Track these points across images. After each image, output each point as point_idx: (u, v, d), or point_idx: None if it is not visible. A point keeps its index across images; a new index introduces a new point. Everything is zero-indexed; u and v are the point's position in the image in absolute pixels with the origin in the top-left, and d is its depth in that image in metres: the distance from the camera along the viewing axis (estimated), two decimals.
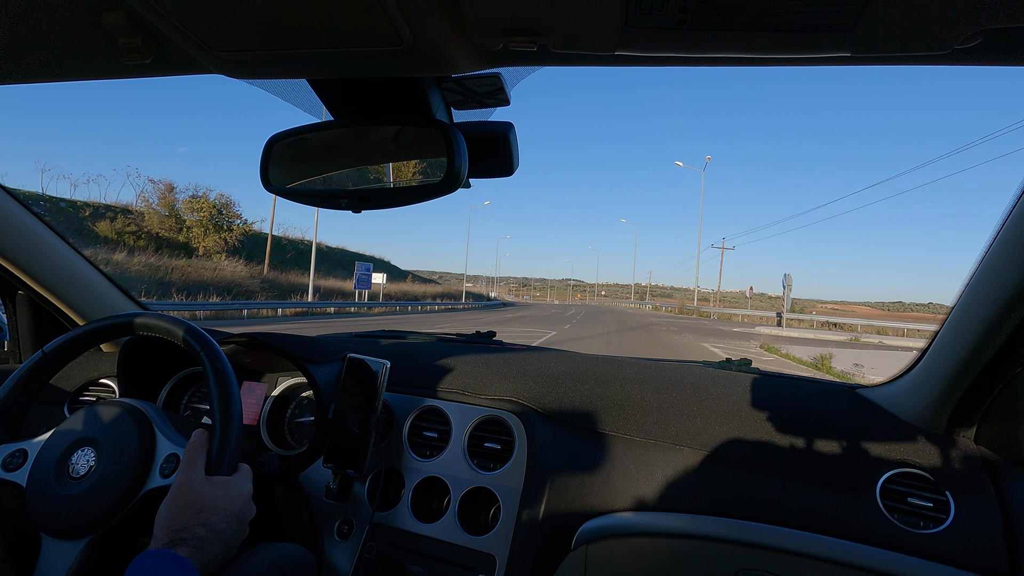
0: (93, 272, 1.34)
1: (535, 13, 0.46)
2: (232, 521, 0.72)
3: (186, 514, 0.69)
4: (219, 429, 0.78)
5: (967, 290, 0.81)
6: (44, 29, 0.59)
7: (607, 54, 0.51)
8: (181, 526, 0.67)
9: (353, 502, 1.08)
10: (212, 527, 0.69)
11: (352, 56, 0.55)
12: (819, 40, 0.45)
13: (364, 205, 0.73)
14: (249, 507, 0.77)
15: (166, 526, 0.67)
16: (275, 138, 0.76)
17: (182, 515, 0.68)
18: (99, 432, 0.81)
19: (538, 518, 0.99)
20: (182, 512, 0.69)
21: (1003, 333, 0.76)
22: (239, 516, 0.74)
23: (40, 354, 0.87)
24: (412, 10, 0.46)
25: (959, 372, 0.84)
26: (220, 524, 0.70)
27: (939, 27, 0.42)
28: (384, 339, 1.60)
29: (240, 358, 1.24)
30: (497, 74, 0.64)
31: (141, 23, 0.56)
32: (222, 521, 0.71)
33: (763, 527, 0.93)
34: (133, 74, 0.67)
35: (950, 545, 0.84)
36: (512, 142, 0.72)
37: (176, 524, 0.67)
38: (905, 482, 0.91)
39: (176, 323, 0.87)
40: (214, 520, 0.70)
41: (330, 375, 1.11)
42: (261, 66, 0.59)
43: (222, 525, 0.71)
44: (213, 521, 0.70)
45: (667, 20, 0.45)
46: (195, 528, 0.68)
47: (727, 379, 1.17)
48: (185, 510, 0.69)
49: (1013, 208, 0.70)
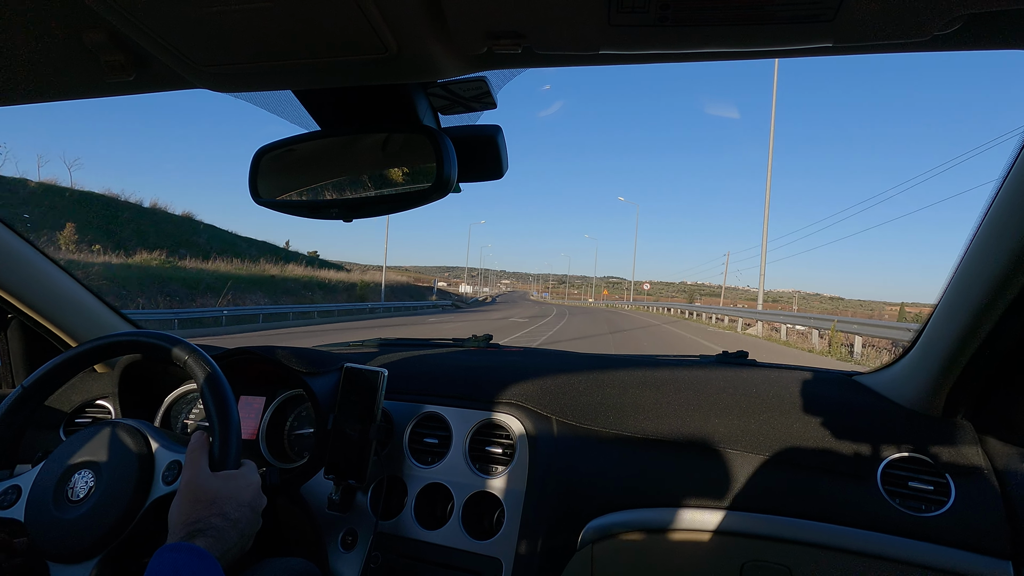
0: (82, 291, 1.33)
1: (518, 16, 0.47)
2: (245, 510, 0.72)
3: (199, 507, 0.68)
4: (218, 428, 0.78)
5: (958, 272, 0.82)
6: (24, 50, 0.59)
7: (591, 53, 0.52)
8: (196, 518, 0.67)
9: (356, 512, 1.07)
10: (227, 516, 0.69)
11: (337, 65, 0.55)
12: (801, 31, 0.46)
13: (355, 214, 0.73)
14: (260, 496, 0.77)
15: (180, 521, 0.67)
16: (263, 150, 0.76)
17: (195, 509, 0.68)
18: (96, 453, 0.81)
19: (542, 519, 0.99)
20: (195, 506, 0.68)
21: (995, 314, 0.77)
22: (251, 505, 0.73)
23: (20, 389, 0.85)
24: (395, 18, 0.46)
25: (953, 355, 0.85)
26: (235, 513, 0.70)
27: (918, 14, 0.43)
28: (382, 347, 1.60)
29: (235, 372, 1.23)
30: (483, 78, 0.64)
31: (123, 41, 0.56)
32: (236, 510, 0.70)
33: (767, 518, 0.93)
34: (117, 91, 0.67)
35: (952, 527, 0.85)
36: (500, 145, 0.73)
37: (191, 517, 0.67)
38: (905, 466, 0.91)
39: (168, 340, 0.87)
40: (228, 509, 0.69)
41: (328, 386, 1.10)
42: (246, 79, 0.59)
43: (237, 514, 0.70)
44: (227, 510, 0.69)
45: (649, 18, 0.45)
46: (210, 519, 0.67)
47: (724, 372, 1.18)
48: (197, 504, 0.68)
49: (999, 189, 0.71)
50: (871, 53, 0.51)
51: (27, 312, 1.24)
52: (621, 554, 0.98)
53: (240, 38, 0.50)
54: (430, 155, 0.68)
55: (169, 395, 1.26)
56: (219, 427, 0.78)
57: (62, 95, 0.69)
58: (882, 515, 0.89)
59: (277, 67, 0.55)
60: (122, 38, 0.55)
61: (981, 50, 0.51)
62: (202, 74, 0.57)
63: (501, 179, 0.75)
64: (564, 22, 0.47)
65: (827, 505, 0.92)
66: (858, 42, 0.47)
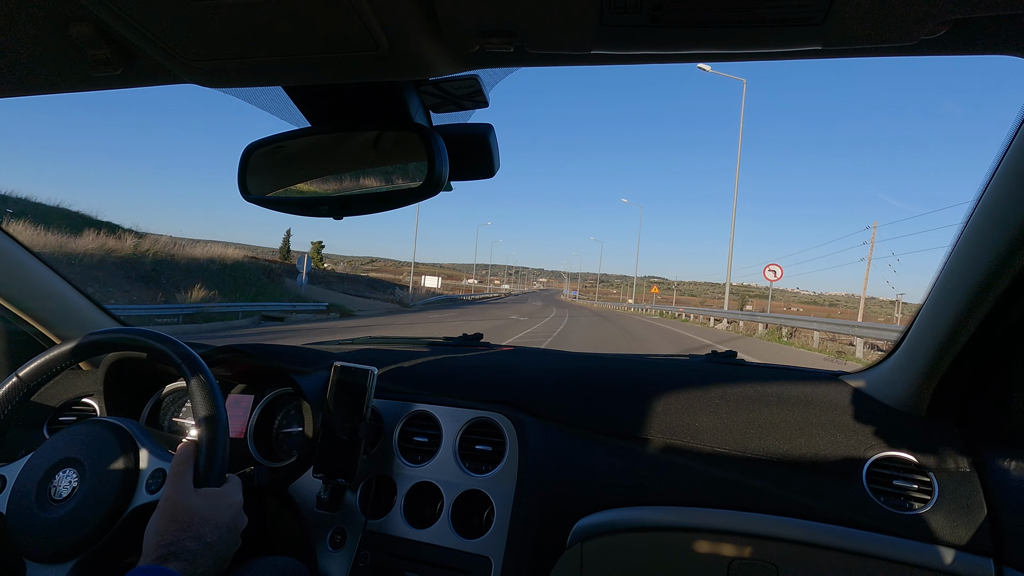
0: (66, 287, 1.31)
1: (510, 15, 0.47)
2: (223, 532, 0.71)
3: (176, 528, 0.67)
4: (205, 440, 0.77)
5: (943, 273, 0.83)
6: (9, 42, 0.58)
7: (583, 53, 0.52)
8: (171, 540, 0.66)
9: (345, 511, 1.07)
10: (203, 539, 0.68)
11: (328, 62, 0.54)
12: (790, 34, 0.46)
13: (345, 212, 0.73)
14: (240, 518, 0.76)
15: (155, 541, 0.66)
16: (252, 147, 0.75)
17: (171, 529, 0.67)
18: (80, 452, 0.79)
19: (532, 518, 1.00)
20: (171, 526, 0.67)
21: (979, 314, 0.78)
22: (230, 527, 0.73)
23: (14, 378, 0.85)
24: (387, 14, 0.46)
25: (938, 355, 0.86)
26: (211, 536, 0.69)
27: (905, 19, 0.44)
28: (372, 345, 1.59)
29: (224, 370, 1.22)
30: (475, 76, 0.64)
31: (110, 34, 0.55)
32: (213, 533, 0.70)
33: (754, 516, 0.94)
34: (103, 86, 0.66)
35: (936, 525, 0.86)
36: (492, 143, 0.73)
37: (166, 539, 0.66)
38: (890, 465, 0.93)
39: (156, 338, 0.86)
40: (204, 532, 0.69)
41: (317, 384, 1.09)
42: (235, 74, 0.58)
43: (213, 537, 0.69)
44: (204, 533, 0.68)
45: (642, 18, 0.45)
46: (186, 542, 0.66)
47: (713, 371, 1.19)
48: (174, 524, 0.68)
49: (982, 193, 0.72)
50: (859, 56, 0.52)
51: (7, 307, 1.22)
52: (610, 552, 0.98)
53: (229, 33, 0.50)
54: (421, 153, 0.67)
55: (155, 394, 1.25)
56: (207, 439, 0.77)
57: (47, 88, 0.68)
58: (867, 513, 0.90)
59: (267, 63, 0.55)
60: (109, 31, 0.54)
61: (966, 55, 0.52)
62: (191, 69, 0.56)
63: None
64: (556, 22, 0.47)
65: (813, 503, 0.93)
66: (846, 45, 0.48)
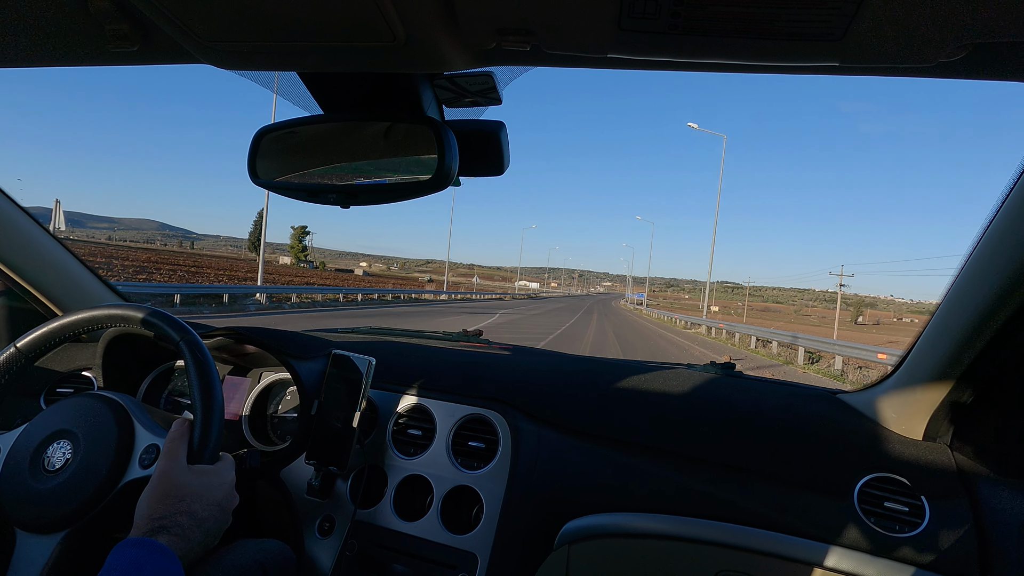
0: (72, 260, 1.31)
1: (528, 13, 0.47)
2: (215, 510, 0.71)
3: (167, 503, 0.68)
4: (200, 417, 0.77)
5: (947, 298, 0.82)
6: (30, 13, 0.58)
7: (600, 56, 0.52)
8: (162, 514, 0.66)
9: (335, 499, 1.07)
10: (194, 515, 0.68)
11: (344, 50, 0.54)
12: (808, 48, 0.46)
13: (353, 201, 0.73)
14: (232, 496, 0.76)
15: (147, 515, 0.66)
16: (264, 130, 0.75)
17: (163, 504, 0.67)
18: (76, 424, 0.80)
19: (521, 517, 1.00)
20: (163, 501, 0.68)
21: (980, 343, 0.78)
22: (222, 505, 0.73)
23: (12, 348, 0.85)
24: (406, 6, 0.46)
25: (937, 380, 0.86)
26: (203, 512, 0.69)
27: (925, 40, 0.43)
28: (371, 336, 1.59)
29: (222, 352, 1.22)
30: (490, 73, 0.64)
31: (128, 9, 0.55)
32: (204, 509, 0.70)
33: (742, 529, 0.94)
34: (120, 61, 0.66)
35: (924, 549, 0.86)
36: (503, 141, 0.73)
37: (157, 513, 0.66)
38: (882, 486, 0.92)
39: (156, 315, 0.86)
40: (196, 508, 0.69)
41: (314, 371, 1.10)
42: (251, 57, 0.58)
43: (204, 513, 0.70)
44: (195, 509, 0.69)
45: (660, 24, 0.45)
46: (177, 516, 0.67)
47: (710, 383, 1.19)
48: (166, 499, 0.68)
49: (993, 218, 0.72)
50: (876, 75, 0.51)
51: (11, 276, 1.23)
52: (596, 556, 0.98)
53: (248, 15, 0.50)
54: (432, 146, 0.67)
55: (153, 371, 1.25)
56: (202, 418, 0.77)
57: (65, 61, 0.68)
58: (857, 533, 0.90)
59: (283, 47, 0.55)
60: (128, 7, 0.54)
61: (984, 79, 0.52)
62: (207, 50, 0.56)
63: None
64: (574, 23, 0.47)
65: (803, 519, 0.93)
66: (864, 64, 0.48)
